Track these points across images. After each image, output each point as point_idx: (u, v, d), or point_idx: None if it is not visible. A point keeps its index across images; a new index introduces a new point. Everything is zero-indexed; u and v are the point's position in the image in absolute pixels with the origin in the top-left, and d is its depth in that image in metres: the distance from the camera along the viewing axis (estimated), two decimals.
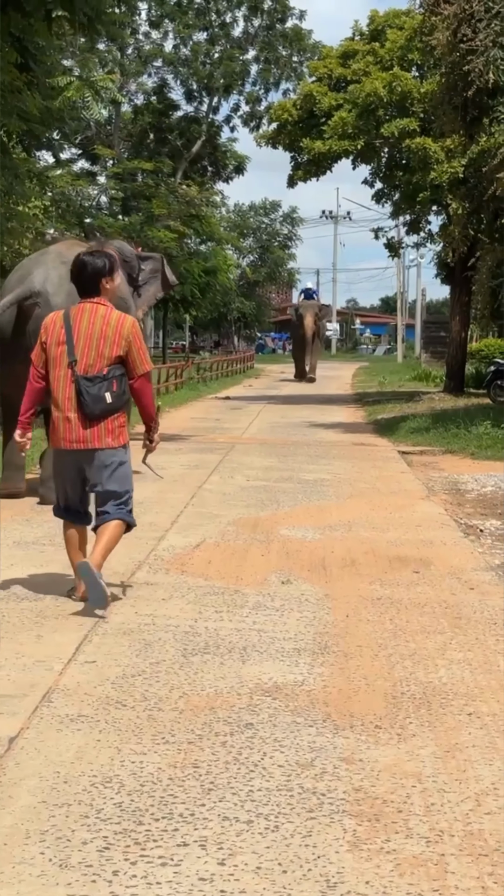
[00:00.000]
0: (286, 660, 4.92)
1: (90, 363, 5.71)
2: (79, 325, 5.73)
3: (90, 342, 5.72)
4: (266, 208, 65.28)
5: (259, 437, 16.78)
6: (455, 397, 24.36)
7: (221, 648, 5.06)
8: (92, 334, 5.72)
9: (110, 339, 5.73)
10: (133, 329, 5.81)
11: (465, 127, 16.44)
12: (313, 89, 25.01)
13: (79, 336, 5.72)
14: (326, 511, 9.37)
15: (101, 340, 5.72)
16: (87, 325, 5.73)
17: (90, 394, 5.68)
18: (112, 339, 5.73)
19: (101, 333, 5.72)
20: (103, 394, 5.70)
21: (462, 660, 5.00)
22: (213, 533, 8.10)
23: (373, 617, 5.74)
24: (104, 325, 5.73)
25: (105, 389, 5.70)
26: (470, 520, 9.24)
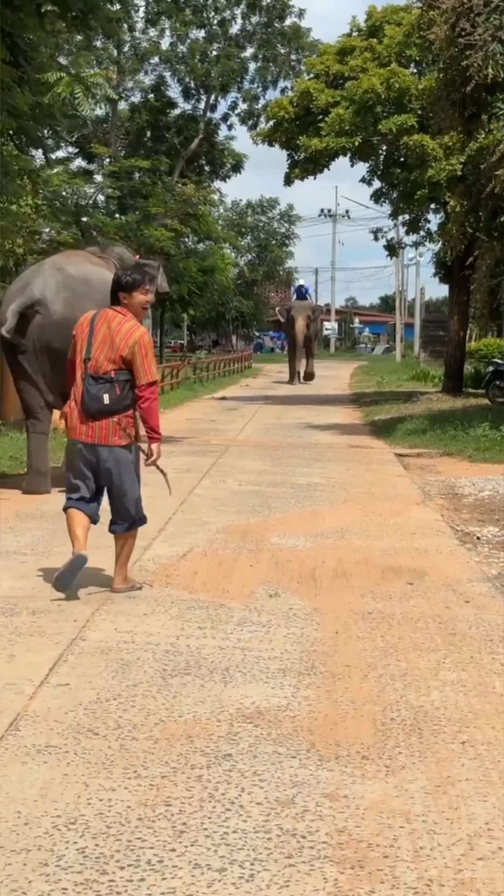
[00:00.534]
0: (270, 681, 4.67)
1: (98, 364, 6.06)
2: (99, 327, 6.11)
3: (102, 345, 6.07)
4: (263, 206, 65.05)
5: (253, 439, 16.53)
6: (453, 398, 24.10)
7: (203, 669, 4.81)
8: (105, 338, 6.08)
9: (117, 346, 6.05)
10: (140, 340, 6.08)
11: (463, 123, 16.15)
12: (310, 86, 24.70)
13: (95, 337, 6.10)
14: (319, 517, 9.12)
15: (109, 345, 6.06)
16: (104, 328, 6.10)
17: (90, 392, 6.04)
18: (118, 345, 6.05)
19: (111, 339, 6.07)
20: (102, 395, 6.02)
21: (456, 681, 4.75)
22: (202, 541, 7.86)
23: (363, 633, 5.49)
24: (115, 332, 6.07)
25: (104, 391, 6.03)
26: (467, 526, 8.99)
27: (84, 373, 6.08)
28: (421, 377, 34.23)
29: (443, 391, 25.48)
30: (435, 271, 28.14)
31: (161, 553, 7.36)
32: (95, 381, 6.06)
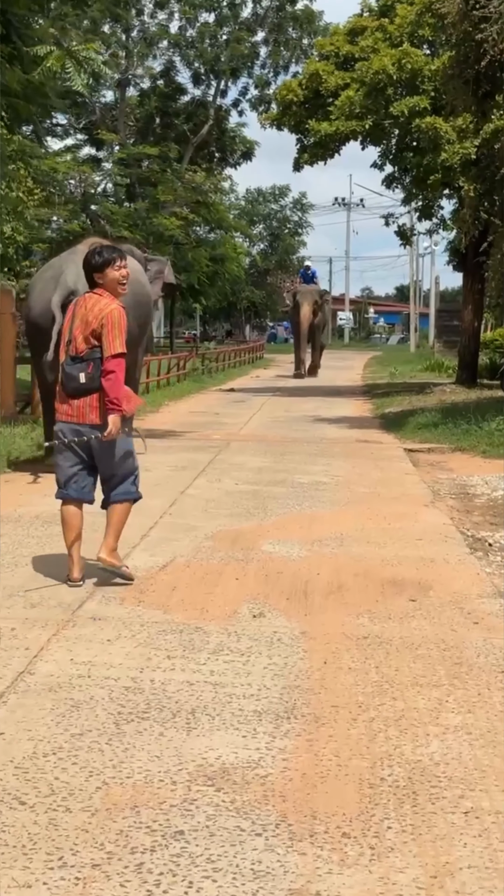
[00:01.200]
0: (242, 728, 3.99)
1: (76, 345, 6.07)
2: (78, 311, 6.14)
3: (79, 327, 6.08)
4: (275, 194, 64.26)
5: (257, 433, 15.84)
6: (467, 389, 23.36)
7: (165, 712, 4.13)
8: (83, 319, 6.08)
9: (90, 324, 6.04)
10: (109, 314, 6.01)
11: (476, 103, 15.42)
12: (319, 68, 23.96)
13: (74, 321, 6.13)
14: (318, 521, 8.43)
15: (85, 325, 6.06)
16: (82, 311, 6.11)
17: (66, 372, 6.08)
18: (91, 323, 6.04)
19: (86, 318, 6.07)
20: (77, 374, 6.03)
21: (460, 726, 4.07)
22: (186, 550, 7.17)
23: (356, 663, 4.80)
24: (89, 311, 6.06)
25: (80, 370, 6.02)
26: (478, 531, 8.29)
27: (65, 355, 6.15)
28: (435, 368, 33.49)
29: (457, 382, 24.75)
30: (449, 259, 27.35)
31: (140, 563, 6.67)
32: (73, 361, 6.09)
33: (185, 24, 40.09)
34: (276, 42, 40.42)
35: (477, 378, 25.09)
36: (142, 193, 37.98)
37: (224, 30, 40.35)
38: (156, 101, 41.10)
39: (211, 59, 40.16)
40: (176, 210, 38.28)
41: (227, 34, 40.31)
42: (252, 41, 40.45)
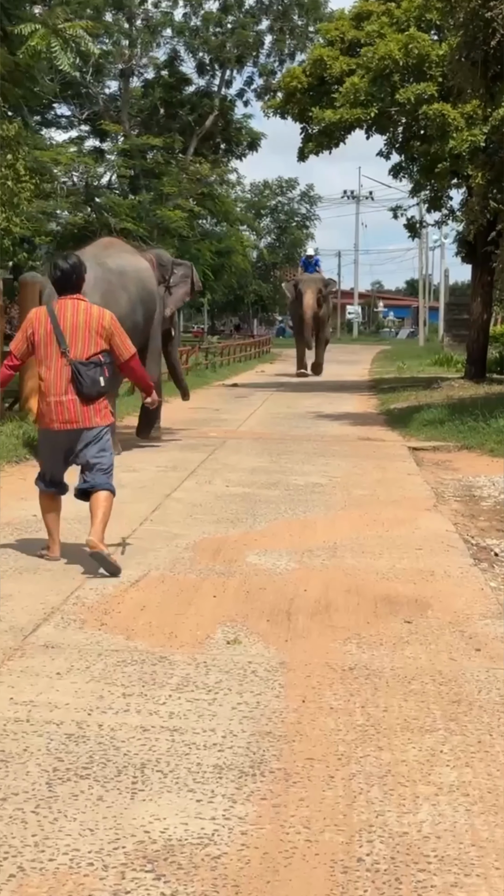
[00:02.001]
0: (198, 789, 3.38)
1: (80, 352, 6.30)
2: (63, 318, 6.33)
3: (76, 332, 6.31)
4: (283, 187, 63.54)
5: (256, 430, 15.22)
6: (476, 384, 22.69)
7: (109, 767, 3.52)
8: (77, 325, 6.32)
9: (94, 330, 6.35)
10: (112, 322, 6.47)
11: (484, 85, 14.76)
12: (324, 54, 23.27)
13: (65, 327, 6.31)
14: (310, 528, 7.82)
15: (86, 331, 6.33)
16: (71, 317, 6.33)
17: (88, 377, 6.29)
18: (96, 329, 6.36)
19: (86, 325, 6.34)
20: (98, 377, 6.32)
21: (456, 785, 3.45)
22: (163, 562, 6.56)
23: (339, 702, 4.19)
24: (87, 317, 6.37)
25: (99, 374, 6.33)
26: (483, 538, 7.68)
27: (68, 363, 6.28)
28: (443, 362, 32.85)
29: (465, 377, 24.08)
30: (457, 250, 26.61)
31: (110, 579, 6.06)
32: (86, 366, 6.29)
33: (189, 11, 39.37)
34: (281, 30, 39.69)
35: (486, 372, 24.42)
36: (146, 185, 37.33)
37: (229, 18, 39.62)
38: (160, 91, 40.39)
39: (216, 47, 39.45)
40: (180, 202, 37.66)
41: (231, 22, 39.59)
42: (257, 29, 39.70)
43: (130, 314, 11.24)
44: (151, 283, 12.39)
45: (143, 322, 11.86)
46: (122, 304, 11.05)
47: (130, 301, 11.56)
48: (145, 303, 11.98)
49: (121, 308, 10.39)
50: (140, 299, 11.80)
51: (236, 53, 39.00)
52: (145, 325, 11.96)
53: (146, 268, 12.41)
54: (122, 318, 10.63)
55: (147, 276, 12.30)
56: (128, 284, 11.56)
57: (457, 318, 39.47)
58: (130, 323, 10.57)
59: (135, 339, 10.59)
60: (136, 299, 11.73)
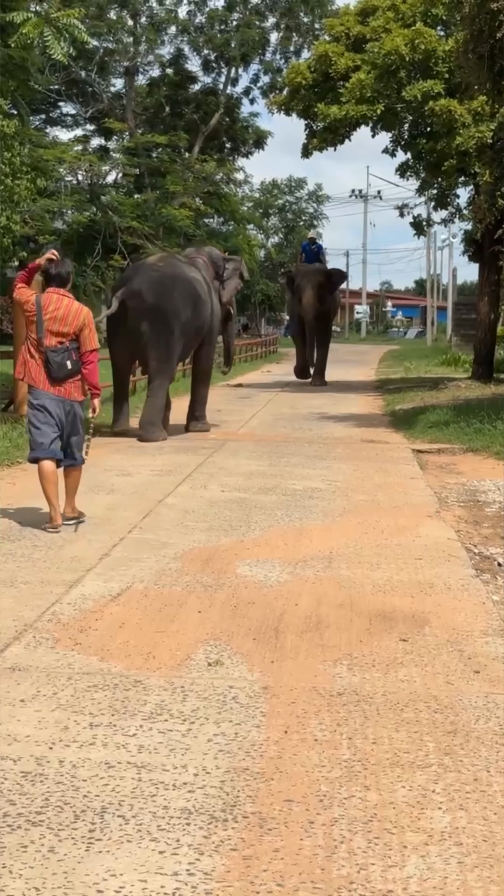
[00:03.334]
0: (162, 838, 3.05)
1: (55, 339, 7.46)
2: (46, 308, 7.46)
3: (53, 323, 7.45)
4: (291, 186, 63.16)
5: (257, 432, 14.89)
6: (483, 385, 22.34)
7: (66, 812, 3.19)
8: (54, 317, 7.47)
9: (70, 322, 7.51)
10: (87, 317, 7.63)
11: (491, 79, 14.38)
12: (329, 49, 22.91)
13: (45, 317, 7.43)
14: (306, 536, 7.48)
15: (62, 322, 7.48)
16: (53, 308, 7.49)
17: (56, 362, 7.43)
18: (71, 322, 7.51)
19: (63, 317, 7.49)
20: (65, 362, 7.46)
21: (448, 832, 3.12)
22: (148, 574, 6.23)
23: (324, 733, 3.86)
24: (66, 311, 7.53)
25: (66, 359, 7.46)
26: (486, 547, 7.35)
27: (42, 347, 7.44)
28: (451, 362, 32.49)
29: (472, 378, 23.72)
30: (464, 249, 26.25)
31: (90, 592, 5.74)
32: (55, 352, 7.45)
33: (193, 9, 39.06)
34: (287, 27, 39.34)
35: (493, 373, 24.06)
36: (151, 184, 37.05)
37: (234, 15, 39.29)
38: (165, 89, 40.11)
39: (221, 45, 39.11)
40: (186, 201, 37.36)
41: (237, 19, 39.25)
42: (262, 26, 39.35)
43: (182, 310, 13.76)
44: (200, 286, 14.40)
45: (193, 316, 14.04)
46: (174, 302, 13.65)
47: (181, 300, 13.80)
48: (194, 301, 14.09)
49: (173, 305, 13.60)
50: (189, 300, 13.97)
51: (241, 51, 38.63)
52: (195, 318, 14.09)
53: (195, 277, 14.47)
54: (174, 313, 13.64)
55: (196, 280, 14.40)
56: (176, 285, 13.84)
57: (465, 318, 39.09)
58: (182, 317, 13.79)
59: (186, 330, 13.93)
60: (186, 299, 13.89)
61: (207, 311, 14.54)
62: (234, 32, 39.01)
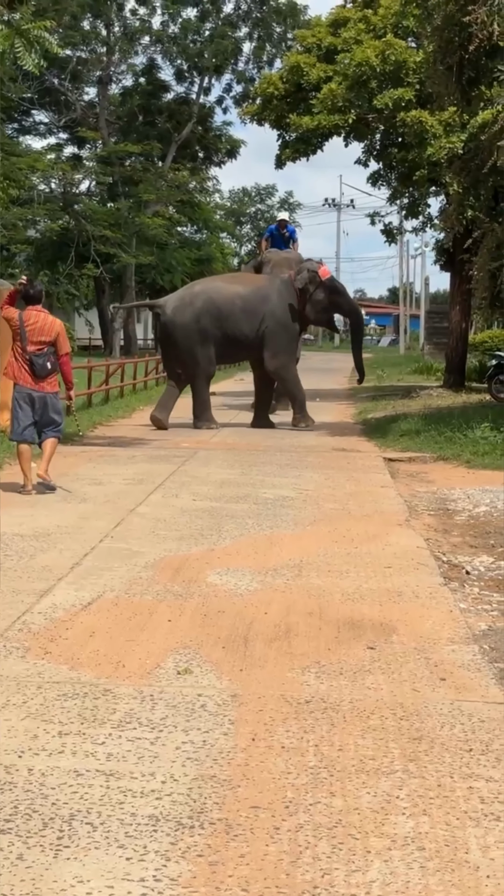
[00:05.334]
0: (129, 844, 3.09)
1: (36, 346, 9.52)
2: (27, 323, 9.52)
3: (33, 334, 9.52)
4: (261, 194, 63.31)
5: (229, 440, 14.94)
6: (455, 393, 22.52)
7: (35, 820, 3.22)
8: (34, 329, 9.55)
9: (47, 332, 9.60)
10: (60, 328, 9.77)
11: (461, 90, 14.49)
12: (301, 60, 23.05)
13: (26, 329, 9.50)
14: (277, 544, 7.53)
15: (40, 332, 9.55)
16: (33, 322, 9.56)
17: (38, 364, 9.51)
18: (47, 332, 9.61)
19: (41, 328, 9.57)
20: (46, 363, 9.56)
21: (411, 836, 3.17)
22: (119, 582, 6.27)
23: (291, 740, 3.91)
24: (42, 324, 9.61)
25: (47, 361, 9.58)
26: (455, 555, 7.43)
27: (27, 354, 9.51)
28: (423, 370, 32.72)
29: (444, 386, 23.92)
30: (436, 258, 26.44)
31: (60, 601, 5.77)
32: (38, 356, 9.55)
33: (167, 19, 39.11)
34: (259, 38, 39.47)
35: (464, 381, 24.23)
36: (124, 192, 37.11)
37: (207, 25, 39.40)
38: (138, 98, 40.16)
39: (194, 55, 39.21)
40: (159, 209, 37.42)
41: (210, 30, 39.35)
42: (235, 36, 39.46)
43: (245, 321, 16.58)
44: (259, 302, 16.75)
45: (273, 324, 16.65)
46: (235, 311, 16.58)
47: (244, 312, 16.61)
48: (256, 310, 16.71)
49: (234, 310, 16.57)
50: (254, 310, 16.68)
51: (214, 61, 38.73)
52: (266, 324, 16.60)
53: (260, 292, 16.95)
54: (251, 318, 16.53)
55: (262, 294, 16.84)
56: (195, 301, 16.70)
57: (437, 327, 39.34)
58: (247, 326, 16.61)
59: (255, 334, 16.60)
60: (253, 310, 16.63)
61: (280, 314, 16.79)
62: (207, 42, 39.10)
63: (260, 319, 16.64)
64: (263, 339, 16.69)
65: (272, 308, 16.73)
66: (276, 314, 16.75)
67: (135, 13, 39.29)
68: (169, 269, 40.57)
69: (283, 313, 16.83)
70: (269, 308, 16.70)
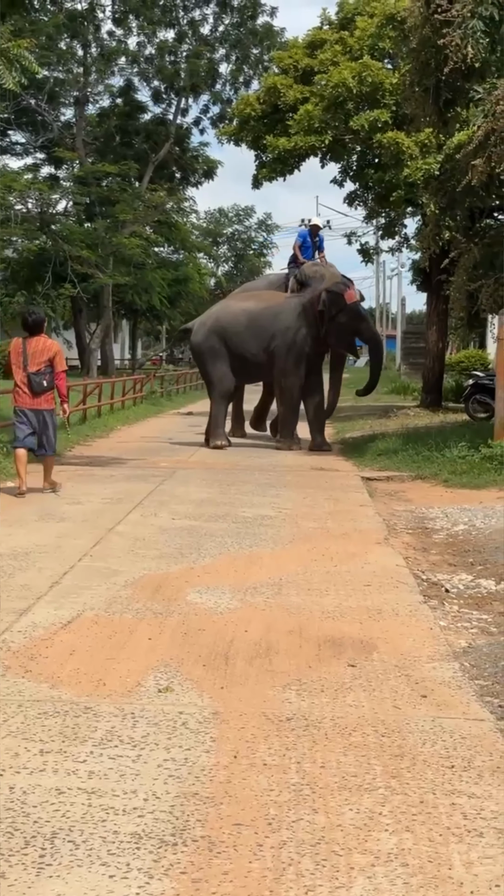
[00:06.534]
0: (112, 862, 3.07)
1: (35, 366, 10.79)
2: (29, 348, 10.85)
3: (33, 356, 10.82)
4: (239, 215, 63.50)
5: (208, 460, 14.95)
6: (432, 413, 22.60)
7: (16, 838, 3.20)
8: (35, 352, 10.84)
9: (44, 354, 10.86)
10: (57, 350, 11.03)
11: (437, 112, 14.61)
12: (277, 82, 23.18)
13: (28, 353, 10.81)
14: (256, 563, 7.53)
15: (39, 355, 10.84)
16: (33, 347, 10.86)
17: (36, 381, 10.76)
18: (45, 354, 10.87)
19: (40, 351, 10.86)
20: (42, 381, 10.80)
21: (394, 853, 3.17)
22: (99, 601, 6.25)
23: (273, 758, 3.90)
24: (41, 347, 10.90)
25: (44, 379, 10.80)
26: (434, 573, 7.45)
27: (27, 373, 10.77)
28: (400, 390, 32.82)
29: (421, 406, 24.00)
30: (412, 278, 26.59)
31: (40, 620, 5.75)
32: (36, 375, 10.79)
33: (143, 40, 39.25)
34: (237, 59, 39.66)
35: (441, 401, 24.33)
36: (101, 212, 37.13)
37: (184, 46, 39.56)
38: (115, 119, 40.25)
39: (171, 75, 39.34)
40: (136, 229, 37.47)
41: (186, 51, 39.52)
42: (212, 57, 39.63)
43: (252, 339, 16.84)
44: (269, 320, 16.86)
45: (281, 344, 16.69)
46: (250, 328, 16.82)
47: (249, 329, 16.86)
48: (264, 328, 16.86)
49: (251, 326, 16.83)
50: (269, 328, 16.79)
51: (191, 82, 38.87)
52: (276, 342, 16.70)
53: (272, 310, 17.01)
54: (258, 337, 16.74)
55: (272, 312, 16.91)
56: (207, 320, 17.44)
57: (413, 347, 39.51)
58: (254, 344, 16.82)
59: (263, 353, 16.79)
60: (269, 326, 16.76)
61: (297, 333, 16.80)
62: (184, 64, 39.24)
63: (269, 338, 16.69)
64: (274, 358, 16.78)
65: (283, 327, 16.61)
66: (287, 334, 16.63)
67: (111, 34, 39.40)
68: (146, 289, 40.61)
69: (295, 333, 16.63)
70: (279, 327, 16.61)
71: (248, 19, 39.07)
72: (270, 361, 16.78)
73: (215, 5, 38.98)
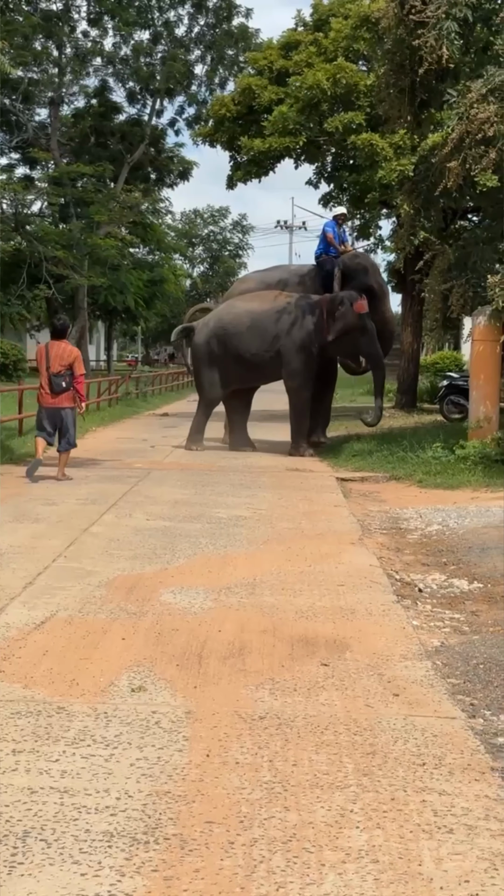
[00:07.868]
0: (84, 860, 3.08)
1: (57, 369, 12.24)
2: (52, 352, 12.30)
3: (55, 359, 12.25)
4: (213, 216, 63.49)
5: (183, 461, 14.94)
6: (407, 414, 22.68)
7: None
8: (57, 356, 12.27)
9: (65, 358, 12.29)
10: (77, 354, 12.53)
11: (412, 113, 14.66)
12: (252, 83, 23.22)
13: (51, 356, 12.28)
14: (230, 563, 7.55)
15: (59, 359, 12.27)
16: (55, 352, 12.29)
17: (56, 382, 12.25)
18: (65, 358, 12.30)
19: (61, 355, 12.29)
20: (62, 382, 12.25)
21: (365, 849, 3.19)
22: (73, 602, 6.25)
23: (246, 756, 3.92)
24: (62, 351, 12.32)
25: (63, 381, 12.24)
26: (408, 573, 7.48)
27: (49, 374, 12.23)
28: None
29: (396, 407, 24.06)
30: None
31: (13, 620, 5.75)
32: (56, 376, 12.24)
33: (119, 40, 39.18)
34: (212, 60, 39.65)
35: (416, 402, 24.40)
36: (76, 213, 37.06)
37: (159, 47, 39.52)
38: (90, 119, 40.16)
39: (146, 77, 39.29)
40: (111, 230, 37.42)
41: (162, 51, 39.49)
42: (187, 59, 39.61)
43: (255, 340, 16.28)
44: (272, 320, 16.36)
45: (286, 343, 16.19)
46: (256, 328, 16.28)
47: (252, 330, 16.35)
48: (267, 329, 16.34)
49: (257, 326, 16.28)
50: (274, 329, 16.30)
51: (166, 83, 38.84)
52: (281, 343, 16.22)
53: (275, 310, 16.46)
54: (260, 338, 16.19)
55: (276, 312, 16.38)
56: (209, 321, 16.93)
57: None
58: (257, 345, 16.24)
59: (268, 354, 16.25)
60: (272, 327, 16.27)
61: (301, 334, 16.28)
62: (160, 65, 39.20)
63: (272, 338, 16.23)
64: (281, 359, 16.27)
65: (287, 327, 16.17)
66: (292, 334, 16.17)
67: (87, 35, 39.31)
68: (122, 290, 40.57)
69: (300, 334, 16.11)
70: (282, 327, 16.16)
71: (224, 20, 39.07)
72: (278, 363, 16.29)
73: (190, 6, 38.94)
